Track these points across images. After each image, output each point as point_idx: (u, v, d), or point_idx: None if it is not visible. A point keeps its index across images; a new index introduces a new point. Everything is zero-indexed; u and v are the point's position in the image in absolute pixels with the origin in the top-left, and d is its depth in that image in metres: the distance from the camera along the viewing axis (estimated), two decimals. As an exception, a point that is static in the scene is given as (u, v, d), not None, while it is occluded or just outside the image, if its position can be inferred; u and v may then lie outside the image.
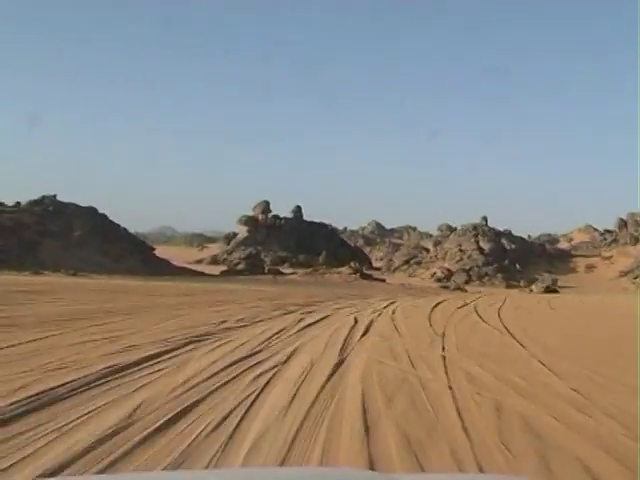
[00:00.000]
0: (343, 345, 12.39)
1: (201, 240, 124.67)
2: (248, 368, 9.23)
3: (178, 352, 10.49)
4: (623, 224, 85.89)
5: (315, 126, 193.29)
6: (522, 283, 78.35)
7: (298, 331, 14.63)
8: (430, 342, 13.79)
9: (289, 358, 10.47)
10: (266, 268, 73.55)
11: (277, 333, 13.90)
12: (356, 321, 17.69)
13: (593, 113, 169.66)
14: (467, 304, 29.90)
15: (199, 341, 11.92)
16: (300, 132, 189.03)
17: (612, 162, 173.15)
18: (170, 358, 9.89)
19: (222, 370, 8.97)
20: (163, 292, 29.02)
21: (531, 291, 58.36)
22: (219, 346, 11.46)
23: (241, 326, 15.12)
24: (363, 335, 14.41)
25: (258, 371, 9.05)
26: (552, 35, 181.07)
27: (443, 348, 12.76)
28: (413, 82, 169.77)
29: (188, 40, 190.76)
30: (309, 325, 16.20)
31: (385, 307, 25.10)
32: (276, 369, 9.32)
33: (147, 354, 9.93)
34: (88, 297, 22.80)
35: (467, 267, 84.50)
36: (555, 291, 57.70)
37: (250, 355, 10.54)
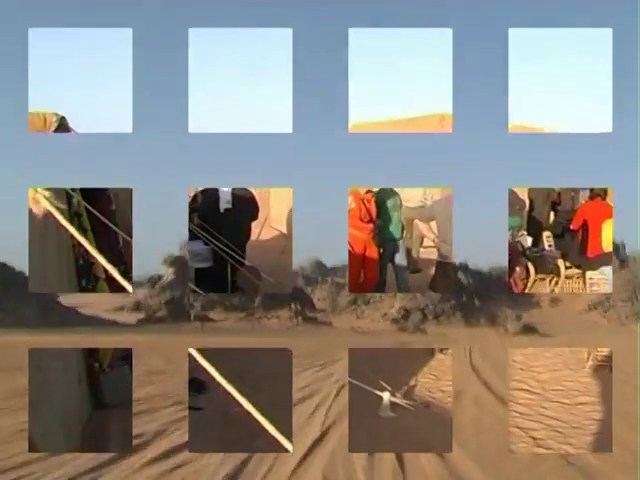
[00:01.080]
0: None
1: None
2: None
3: None
4: (588, 252, 79.50)
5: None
6: (482, 321, 70.84)
7: None
8: None
9: None
10: (192, 314, 62.57)
11: None
12: None
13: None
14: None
15: None
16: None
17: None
18: None
19: None
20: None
21: (506, 331, 49.99)
22: None
23: None
24: None
25: None
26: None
27: None
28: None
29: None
30: None
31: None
32: None
33: None
34: None
35: (421, 305, 75.99)
36: (534, 330, 49.55)
37: None
